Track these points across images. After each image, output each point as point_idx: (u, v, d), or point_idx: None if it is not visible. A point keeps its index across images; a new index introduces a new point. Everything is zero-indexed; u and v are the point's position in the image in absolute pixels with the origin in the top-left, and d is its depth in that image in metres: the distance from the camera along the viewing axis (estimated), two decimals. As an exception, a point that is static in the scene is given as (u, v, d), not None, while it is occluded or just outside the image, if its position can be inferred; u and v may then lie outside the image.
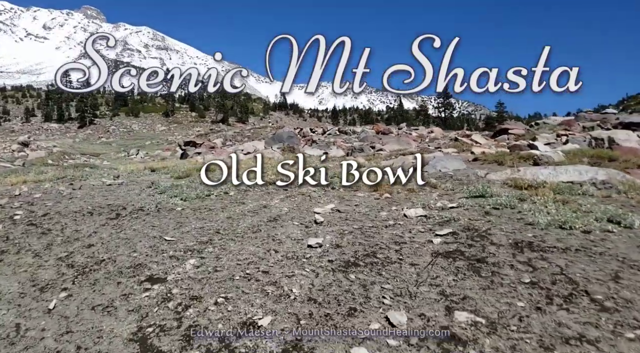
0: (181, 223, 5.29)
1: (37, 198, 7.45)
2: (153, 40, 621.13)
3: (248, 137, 41.87)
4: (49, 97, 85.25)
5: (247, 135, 42.65)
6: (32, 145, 33.62)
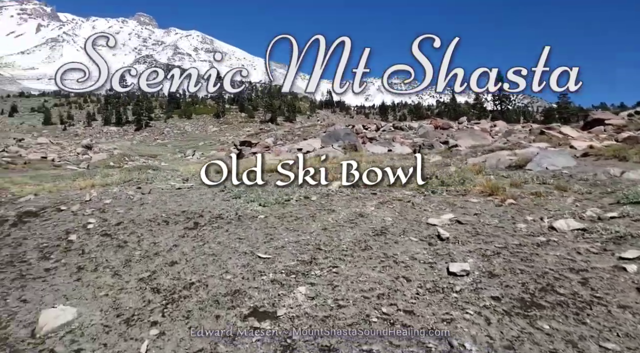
0: (271, 236, 4.57)
1: (108, 205, 7.05)
2: (202, 43, 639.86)
3: (298, 135, 41.48)
4: (108, 102, 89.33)
5: (297, 134, 42.26)
6: (95, 148, 34.86)
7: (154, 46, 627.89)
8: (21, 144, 33.00)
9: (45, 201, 8.27)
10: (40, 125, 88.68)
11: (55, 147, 34.70)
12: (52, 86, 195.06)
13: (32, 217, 7.17)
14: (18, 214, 7.52)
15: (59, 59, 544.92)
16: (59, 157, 29.19)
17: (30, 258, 5.01)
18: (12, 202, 9.04)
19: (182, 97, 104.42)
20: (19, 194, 10.04)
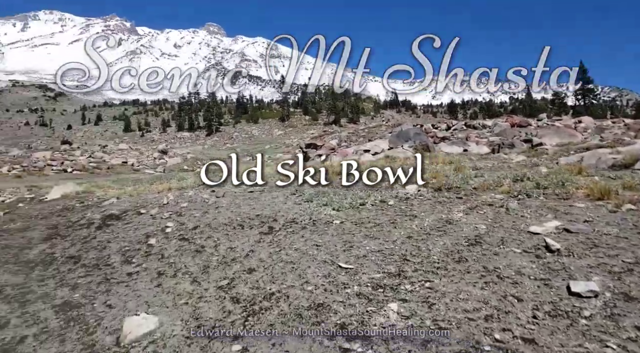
0: (350, 244, 4.28)
1: (185, 208, 7.15)
2: (268, 50, 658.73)
3: (363, 136, 41.02)
4: (181, 109, 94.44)
5: (362, 135, 41.81)
6: (170, 153, 36.72)
7: (223, 54, 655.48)
8: (105, 150, 35.51)
9: (127, 204, 8.61)
10: (121, 132, 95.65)
11: (134, 152, 36.93)
12: (131, 96, 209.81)
13: (114, 220, 7.46)
14: (102, 217, 7.87)
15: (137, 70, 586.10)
16: (137, 161, 30.97)
17: (114, 261, 5.11)
18: (97, 206, 9.54)
19: (249, 103, 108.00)
20: (103, 198, 10.59)
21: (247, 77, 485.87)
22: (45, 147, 55.89)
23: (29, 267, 5.48)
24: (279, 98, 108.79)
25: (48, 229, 7.75)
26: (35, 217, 9.28)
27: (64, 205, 10.19)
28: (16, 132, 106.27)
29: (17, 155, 28.51)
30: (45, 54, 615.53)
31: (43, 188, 13.25)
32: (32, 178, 19.17)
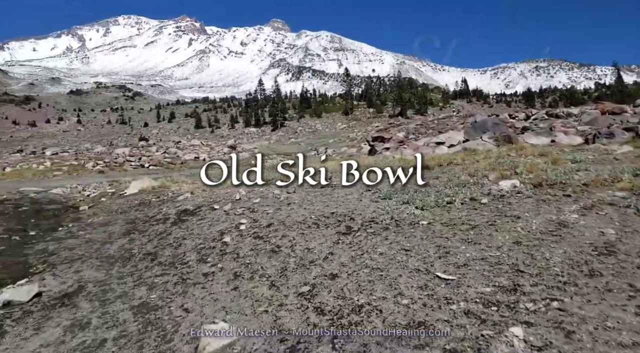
0: (445, 249, 3.74)
1: (257, 204, 6.95)
2: (331, 43, 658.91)
3: (432, 128, 39.51)
4: (248, 105, 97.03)
5: (432, 127, 40.27)
6: (238, 148, 37.62)
7: (287, 50, 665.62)
8: (178, 146, 37.04)
9: (200, 200, 8.62)
10: (192, 129, 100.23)
11: (205, 148, 38.21)
12: (201, 93, 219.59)
13: (189, 215, 7.44)
14: (177, 212, 7.91)
15: (206, 69, 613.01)
16: (208, 157, 31.93)
17: (189, 260, 4.97)
18: (172, 200, 9.68)
19: (312, 97, 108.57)
20: (178, 192, 10.76)
21: (310, 71, 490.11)
22: (125, 144, 59.86)
23: (109, 263, 5.52)
24: (342, 91, 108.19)
25: (127, 224, 7.92)
26: (115, 212, 9.60)
27: (141, 200, 10.48)
28: (100, 130, 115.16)
29: (100, 151, 30.48)
30: (124, 56, 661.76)
31: (122, 183, 13.85)
32: (113, 173, 20.28)
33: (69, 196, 12.38)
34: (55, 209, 10.69)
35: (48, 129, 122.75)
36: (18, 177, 17.06)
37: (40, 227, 8.96)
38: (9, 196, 11.55)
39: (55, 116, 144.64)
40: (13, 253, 6.68)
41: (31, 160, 25.29)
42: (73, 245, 6.72)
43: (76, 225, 8.46)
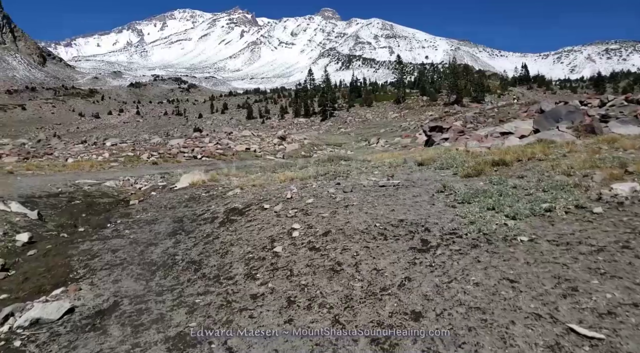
0: (568, 283, 2.78)
1: (310, 205, 6.19)
2: (382, 30, 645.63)
3: (492, 117, 37.24)
4: (297, 96, 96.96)
5: (491, 116, 37.96)
6: (288, 139, 37.29)
7: (337, 39, 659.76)
8: (230, 137, 37.23)
9: (250, 197, 8.02)
10: (244, 120, 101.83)
11: (256, 139, 38.19)
12: (253, 85, 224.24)
13: (238, 215, 6.83)
14: (226, 210, 7.34)
15: (258, 60, 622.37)
16: (259, 148, 31.80)
17: (236, 273, 4.30)
18: (221, 196, 9.17)
19: (363, 86, 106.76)
20: (227, 187, 10.28)
21: (360, 59, 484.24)
22: (180, 135, 61.54)
23: (150, 271, 4.98)
24: (393, 79, 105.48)
25: (174, 222, 7.46)
26: (164, 207, 9.24)
27: (191, 195, 10.10)
28: (157, 121, 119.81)
29: (156, 142, 31.11)
30: (180, 49, 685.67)
31: (174, 176, 13.65)
32: (167, 164, 20.41)
33: (121, 189, 12.29)
34: (106, 203, 10.56)
35: (110, 121, 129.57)
36: (77, 168, 17.45)
37: (89, 222, 8.75)
38: (64, 189, 11.58)
39: (116, 108, 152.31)
40: (58, 253, 6.36)
41: (92, 151, 26.14)
42: (117, 247, 6.29)
43: (124, 222, 8.12)
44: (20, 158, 22.39)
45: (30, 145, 28.42)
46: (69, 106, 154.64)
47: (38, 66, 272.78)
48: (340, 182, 7.91)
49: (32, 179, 13.45)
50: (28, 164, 18.48)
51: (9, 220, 7.56)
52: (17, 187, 11.44)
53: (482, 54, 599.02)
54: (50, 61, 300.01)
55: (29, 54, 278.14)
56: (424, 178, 7.41)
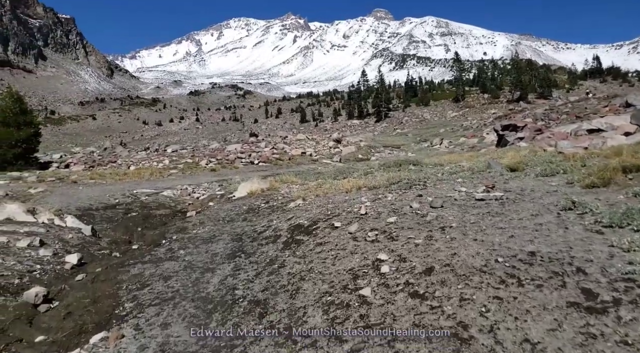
0: None
1: (394, 225, 5.03)
2: (437, 28, 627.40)
3: (566, 113, 34.10)
4: (350, 97, 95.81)
5: (565, 112, 34.78)
6: (344, 141, 36.23)
7: (390, 39, 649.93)
8: (285, 141, 36.77)
9: (315, 210, 7.00)
10: (298, 123, 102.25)
11: (311, 142, 37.50)
12: (306, 88, 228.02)
13: (304, 234, 5.82)
14: (290, 228, 6.36)
15: (310, 64, 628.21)
16: (314, 151, 31.04)
17: (312, 326, 3.24)
18: (282, 209, 8.25)
19: (418, 85, 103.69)
20: (288, 197, 9.40)
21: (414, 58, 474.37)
22: (237, 140, 62.36)
23: (206, 312, 4.06)
24: (450, 77, 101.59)
25: (233, 241, 6.59)
26: (222, 220, 8.49)
27: (249, 206, 9.31)
28: (215, 127, 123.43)
29: (215, 148, 31.28)
30: (235, 57, 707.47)
31: (232, 184, 13.01)
32: (225, 171, 20.03)
33: (178, 199, 11.77)
34: (163, 215, 10.00)
35: (171, 128, 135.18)
36: (137, 176, 17.39)
37: (144, 238, 8.14)
38: (122, 200, 11.21)
39: (177, 115, 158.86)
40: (107, 278, 5.66)
41: (153, 158, 26.49)
42: (170, 272, 5.48)
43: (179, 239, 7.39)
44: (86, 166, 22.98)
45: (98, 153, 29.38)
46: (134, 115, 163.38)
47: (106, 78, 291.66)
48: (422, 194, 6.68)
49: (92, 189, 13.31)
50: (92, 172, 18.72)
51: (61, 238, 7.03)
52: (77, 198, 11.20)
53: (546, 48, 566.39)
54: (117, 73, 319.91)
55: (99, 67, 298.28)
56: (529, 189, 6.02)
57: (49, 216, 7.95)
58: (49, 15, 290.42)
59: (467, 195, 6.09)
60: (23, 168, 19.89)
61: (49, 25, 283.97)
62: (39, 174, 17.59)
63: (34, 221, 7.66)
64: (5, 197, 11.43)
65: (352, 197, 7.69)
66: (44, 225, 7.51)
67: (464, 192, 6.35)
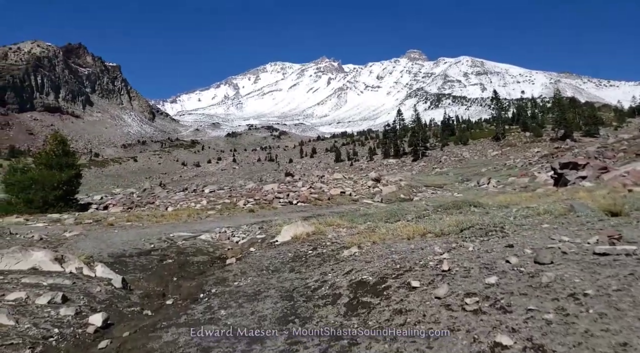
0: None
1: (500, 290, 3.85)
2: (472, 67, 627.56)
3: (623, 151, 31.93)
4: (386, 137, 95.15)
5: (622, 149, 32.59)
6: (383, 181, 35.01)
7: (424, 79, 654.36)
8: (322, 180, 35.90)
9: (377, 263, 5.88)
10: (332, 163, 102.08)
11: (348, 181, 36.47)
12: (340, 128, 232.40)
13: (371, 295, 4.71)
14: (351, 285, 5.27)
15: (344, 105, 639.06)
16: (353, 191, 30.01)
17: None
18: (335, 258, 7.16)
19: (455, 124, 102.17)
20: (338, 242, 8.35)
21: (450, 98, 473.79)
22: (272, 179, 62.33)
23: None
24: (488, 117, 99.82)
25: (282, 299, 5.52)
26: (266, 269, 7.47)
27: (295, 252, 8.29)
28: (251, 168, 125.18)
29: (251, 188, 30.75)
30: (271, 100, 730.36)
31: (273, 227, 12.05)
32: (263, 211, 19.20)
33: (216, 244, 10.88)
34: (200, 262, 9.07)
35: (209, 169, 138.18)
36: (174, 218, 16.77)
37: (180, 290, 7.19)
38: (157, 244, 10.43)
39: (215, 156, 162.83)
40: (135, 346, 4.66)
41: (191, 198, 26.13)
42: (210, 342, 4.43)
43: (219, 294, 6.39)
44: (125, 208, 22.76)
45: (137, 194, 29.43)
46: (173, 156, 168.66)
47: (148, 122, 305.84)
48: (512, 244, 5.47)
49: (128, 232, 12.67)
50: (129, 214, 18.31)
51: (88, 292, 6.16)
52: (111, 242, 10.50)
53: (588, 85, 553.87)
54: (158, 117, 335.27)
55: (141, 111, 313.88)
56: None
57: (78, 264, 7.16)
58: (97, 63, 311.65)
59: (578, 248, 4.83)
60: (63, 210, 19.78)
61: (96, 73, 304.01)
62: (77, 216, 17.29)
63: (60, 271, 6.87)
64: (40, 241, 10.89)
65: (419, 245, 6.55)
66: (70, 276, 6.70)
67: (569, 243, 5.09)
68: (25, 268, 6.88)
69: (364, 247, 7.37)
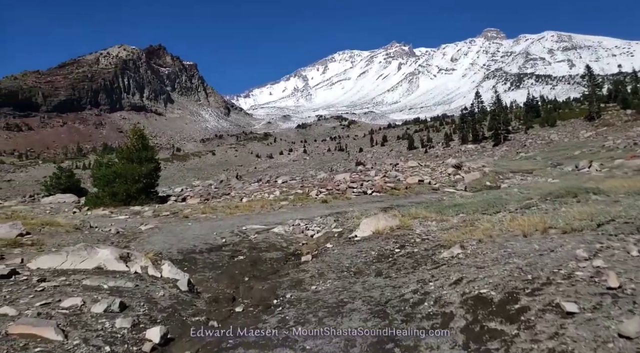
0: None
1: None
2: (558, 43, 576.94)
3: None
4: (463, 121, 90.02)
5: None
6: (464, 167, 32.47)
7: (503, 58, 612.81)
8: (396, 168, 34.09)
9: (494, 269, 4.51)
10: (405, 151, 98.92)
11: (425, 169, 34.28)
12: (412, 115, 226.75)
13: (500, 319, 3.43)
14: (464, 301, 3.99)
15: (416, 90, 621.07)
16: (432, 179, 27.97)
17: None
18: (432, 259, 5.87)
19: (540, 104, 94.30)
20: (431, 240, 7.03)
21: (533, 77, 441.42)
22: (343, 169, 61.38)
23: None
24: (578, 95, 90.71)
25: (373, 315, 4.37)
26: (347, 271, 6.37)
27: (379, 251, 7.10)
28: (322, 158, 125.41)
29: (322, 178, 29.92)
30: (340, 89, 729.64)
31: (349, 220, 10.92)
32: (337, 202, 18.17)
33: (290, 238, 9.98)
34: (274, 260, 8.17)
35: (281, 160, 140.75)
36: (248, 210, 16.31)
37: (252, 293, 6.30)
38: (229, 239, 9.74)
39: (286, 148, 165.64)
40: (193, 372, 3.74)
41: (265, 189, 25.82)
42: (284, 377, 3.38)
43: (295, 301, 5.39)
44: (202, 199, 22.89)
45: (214, 186, 29.96)
46: (248, 149, 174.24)
47: (224, 117, 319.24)
48: None
49: (201, 225, 12.24)
50: (205, 206, 18.19)
51: (149, 297, 5.43)
52: (182, 237, 10.00)
53: None
54: (233, 111, 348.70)
55: (217, 107, 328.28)
56: None
57: (143, 263, 6.52)
58: (175, 63, 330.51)
59: None
60: (144, 202, 20.20)
61: (175, 72, 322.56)
62: (156, 208, 17.43)
63: (124, 271, 6.26)
64: (116, 235, 10.70)
65: (546, 245, 5.06)
66: (134, 277, 6.04)
67: None
68: (90, 267, 6.34)
69: (467, 246, 5.98)
